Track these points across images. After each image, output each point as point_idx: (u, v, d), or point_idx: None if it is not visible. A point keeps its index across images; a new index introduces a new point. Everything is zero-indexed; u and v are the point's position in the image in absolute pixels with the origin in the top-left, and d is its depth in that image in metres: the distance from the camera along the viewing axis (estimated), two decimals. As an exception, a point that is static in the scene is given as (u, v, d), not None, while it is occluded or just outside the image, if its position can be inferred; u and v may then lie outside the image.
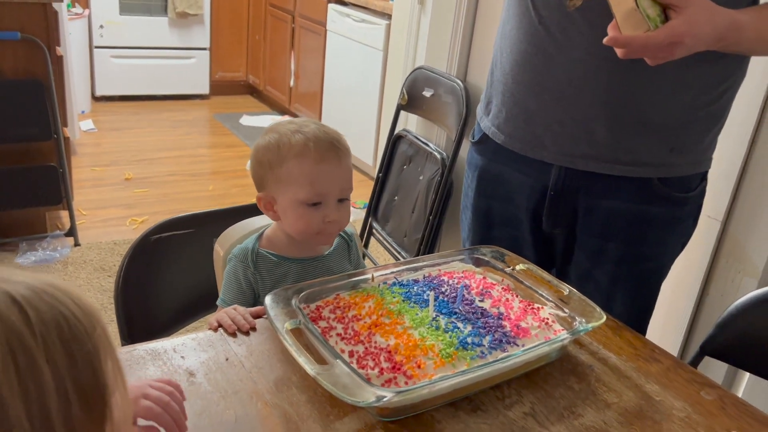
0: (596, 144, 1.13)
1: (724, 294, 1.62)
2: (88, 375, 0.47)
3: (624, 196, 1.16)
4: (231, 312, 0.96)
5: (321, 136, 1.04)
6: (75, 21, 3.93)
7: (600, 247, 1.21)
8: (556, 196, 1.20)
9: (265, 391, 0.83)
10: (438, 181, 2.30)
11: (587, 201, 1.19)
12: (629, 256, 1.21)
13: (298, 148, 1.02)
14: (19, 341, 0.44)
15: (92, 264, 2.65)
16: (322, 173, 1.03)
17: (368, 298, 0.96)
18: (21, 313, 0.45)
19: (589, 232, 1.21)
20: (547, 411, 0.85)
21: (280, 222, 1.09)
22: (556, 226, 1.24)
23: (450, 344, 0.86)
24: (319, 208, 1.04)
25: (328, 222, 1.05)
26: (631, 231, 1.19)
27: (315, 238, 1.08)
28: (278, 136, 1.05)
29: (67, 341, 0.46)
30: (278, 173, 1.04)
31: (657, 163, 1.14)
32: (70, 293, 0.48)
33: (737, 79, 1.14)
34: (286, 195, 1.04)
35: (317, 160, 1.02)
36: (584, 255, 1.24)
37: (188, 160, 3.89)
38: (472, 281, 1.04)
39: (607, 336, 1.04)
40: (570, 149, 1.15)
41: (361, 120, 3.67)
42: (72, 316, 0.47)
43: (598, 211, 1.19)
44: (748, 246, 1.57)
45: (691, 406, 0.89)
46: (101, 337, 0.49)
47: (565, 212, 1.21)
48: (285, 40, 4.55)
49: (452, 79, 2.27)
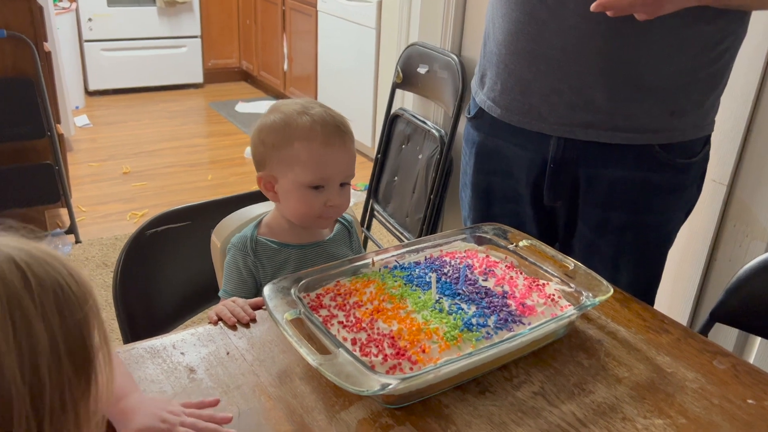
0: (594, 112, 1.10)
1: (733, 259, 1.60)
2: (78, 339, 0.51)
3: (625, 165, 1.14)
4: (230, 304, 0.95)
5: (328, 119, 1.03)
6: (62, 15, 3.88)
7: (603, 218, 1.19)
8: (556, 167, 1.17)
9: (268, 384, 0.81)
10: (437, 159, 2.27)
11: (588, 171, 1.16)
12: (633, 226, 1.18)
13: (305, 130, 1.01)
14: (18, 302, 0.48)
15: (95, 260, 2.64)
16: (327, 157, 1.02)
17: (369, 284, 0.94)
18: (23, 278, 0.49)
19: (591, 202, 1.19)
20: (557, 389, 0.83)
21: (279, 205, 1.07)
22: (558, 199, 1.21)
23: (454, 326, 0.84)
24: (322, 191, 1.03)
25: (329, 206, 1.04)
26: (633, 200, 1.16)
27: (315, 221, 1.07)
28: (284, 117, 1.03)
29: (62, 307, 0.50)
30: (283, 154, 1.02)
31: (657, 129, 1.11)
32: (67, 265, 0.53)
33: (737, 38, 1.11)
34: (288, 176, 1.03)
35: (324, 144, 1.01)
36: (587, 227, 1.21)
37: (185, 150, 3.86)
38: (474, 260, 1.01)
39: (615, 309, 1.02)
40: (568, 118, 1.12)
41: (358, 101, 3.63)
42: (67, 286, 0.51)
43: (599, 181, 1.16)
44: (755, 209, 1.54)
45: (704, 376, 0.87)
46: (92, 308, 0.53)
47: (565, 184, 1.19)
48: (276, 23, 4.49)
49: (447, 54, 2.23)
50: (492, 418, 0.78)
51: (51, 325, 0.49)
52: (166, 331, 1.16)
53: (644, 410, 0.80)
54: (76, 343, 0.51)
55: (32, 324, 0.48)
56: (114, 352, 0.57)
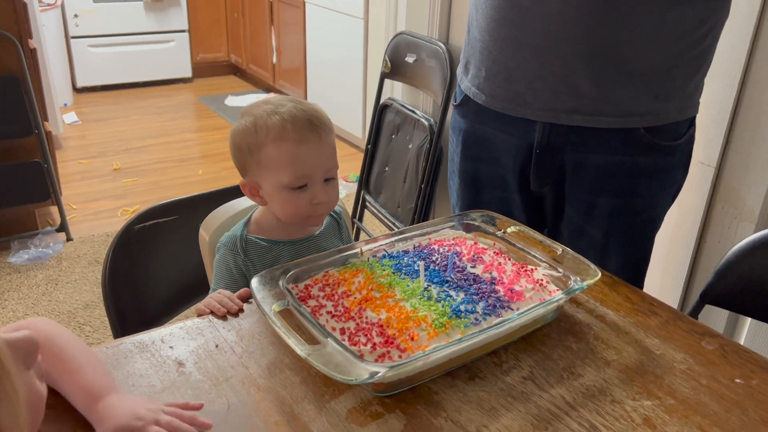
0: (579, 97, 1.10)
1: (722, 241, 1.61)
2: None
3: (611, 149, 1.14)
4: (217, 296, 0.94)
5: (299, 115, 0.99)
6: (48, 12, 3.85)
7: (590, 203, 1.19)
8: (542, 153, 1.17)
9: (258, 375, 0.81)
10: (427, 149, 2.27)
11: (574, 156, 1.16)
12: (621, 210, 1.19)
13: (276, 130, 0.98)
14: None
15: (86, 258, 2.63)
16: (302, 155, 0.99)
17: (357, 273, 0.94)
18: None
19: (578, 187, 1.19)
20: (546, 373, 0.84)
21: (267, 206, 1.06)
22: (544, 184, 1.22)
23: (443, 313, 0.84)
24: (305, 190, 1.01)
25: (316, 204, 1.02)
26: (620, 184, 1.16)
27: (305, 221, 1.05)
28: (254, 119, 1.00)
29: None
30: (258, 158, 1.00)
31: (642, 112, 1.11)
32: None
33: (720, 20, 1.11)
34: (269, 180, 1.01)
35: (297, 142, 0.98)
36: (575, 211, 1.22)
37: (176, 145, 3.85)
38: (463, 248, 1.01)
39: (603, 292, 1.02)
40: (553, 104, 1.12)
41: (347, 91, 3.62)
42: None
43: (585, 166, 1.16)
44: (743, 190, 1.55)
45: (692, 357, 0.88)
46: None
47: (552, 169, 1.19)
48: (264, 15, 4.47)
49: (434, 42, 2.23)
50: (482, 404, 0.78)
51: None
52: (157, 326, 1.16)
53: (633, 392, 0.81)
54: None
55: None
56: (20, 383, 0.49)
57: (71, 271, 2.54)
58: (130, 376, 0.80)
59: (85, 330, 2.21)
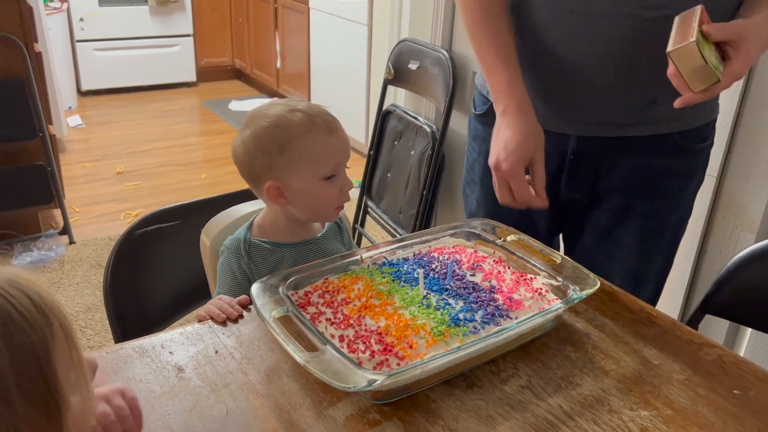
0: (620, 111, 1.11)
1: (723, 250, 1.61)
2: (33, 368, 0.46)
3: (645, 153, 1.15)
4: (217, 302, 0.95)
5: (318, 110, 1.03)
6: (53, 15, 3.87)
7: (623, 205, 1.19)
8: (576, 159, 1.17)
9: (256, 381, 0.81)
10: (429, 155, 2.27)
11: (608, 161, 1.17)
12: (652, 211, 1.19)
13: (306, 124, 1.00)
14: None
15: (89, 261, 2.64)
16: (335, 144, 1.02)
17: (357, 281, 0.94)
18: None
19: (610, 190, 1.19)
20: (544, 383, 0.84)
21: (289, 207, 1.05)
22: (575, 191, 1.21)
23: (441, 322, 0.84)
24: (335, 180, 1.03)
25: (345, 192, 1.05)
26: (653, 186, 1.17)
27: (333, 213, 1.07)
28: (276, 119, 1.00)
29: (10, 338, 0.45)
30: (289, 155, 1.00)
31: (678, 117, 1.12)
32: (30, 291, 0.48)
33: None
34: (301, 175, 1.01)
35: (328, 132, 1.01)
36: (605, 214, 1.22)
37: (179, 149, 3.86)
38: (462, 256, 1.02)
39: (602, 302, 1.02)
40: (594, 119, 1.13)
41: (350, 97, 3.63)
42: (19, 315, 0.46)
43: (619, 169, 1.17)
44: (744, 200, 1.55)
45: (691, 367, 0.88)
46: (59, 336, 0.48)
47: (585, 175, 1.19)
48: (268, 20, 4.49)
49: (437, 49, 2.23)
50: (479, 412, 0.78)
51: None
52: (157, 331, 1.16)
53: (631, 402, 0.81)
54: (31, 376, 0.46)
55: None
56: (89, 376, 0.52)
57: (73, 274, 2.55)
58: (129, 381, 0.80)
59: (86, 333, 2.22)
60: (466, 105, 2.24)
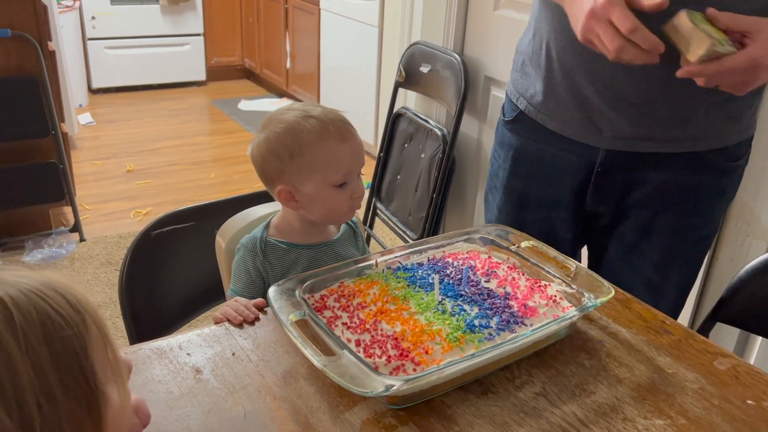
0: (654, 126, 1.10)
1: (734, 258, 1.61)
2: (73, 367, 0.48)
3: (676, 168, 1.14)
4: (233, 304, 0.96)
5: (332, 116, 1.04)
6: (66, 14, 3.89)
7: (650, 219, 1.18)
8: (604, 172, 1.17)
9: (273, 384, 0.82)
10: (440, 158, 2.28)
11: (637, 175, 1.16)
12: (680, 227, 1.19)
13: (318, 131, 1.01)
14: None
15: (99, 259, 2.65)
16: (346, 152, 1.03)
17: (373, 285, 0.95)
18: (4, 312, 0.46)
19: (638, 204, 1.18)
20: (559, 390, 0.84)
21: (301, 211, 1.07)
22: (601, 203, 1.21)
23: (457, 328, 0.85)
24: (346, 186, 1.04)
25: (356, 198, 1.06)
26: (682, 201, 1.16)
27: (344, 217, 1.09)
28: (289, 125, 1.02)
29: (51, 337, 0.47)
30: (300, 161, 1.02)
31: (713, 134, 1.11)
32: (64, 291, 0.50)
33: None
34: (312, 181, 1.03)
35: (339, 140, 1.02)
36: (631, 229, 1.21)
37: (189, 148, 3.88)
38: (477, 262, 1.02)
39: (616, 310, 1.02)
40: (627, 133, 1.12)
41: (360, 99, 3.64)
42: (57, 315, 0.48)
43: (647, 183, 1.16)
44: (757, 208, 1.55)
45: (705, 377, 0.88)
46: (93, 332, 0.50)
47: (612, 188, 1.18)
48: (279, 21, 4.50)
49: (449, 53, 2.24)
50: (494, 419, 0.79)
51: (38, 358, 0.46)
52: (171, 331, 1.17)
53: (645, 411, 0.81)
54: (71, 371, 0.48)
55: (13, 360, 0.45)
56: (124, 372, 0.54)
57: (84, 271, 2.56)
58: (148, 382, 0.81)
59: (96, 330, 2.23)
60: (477, 109, 2.24)
